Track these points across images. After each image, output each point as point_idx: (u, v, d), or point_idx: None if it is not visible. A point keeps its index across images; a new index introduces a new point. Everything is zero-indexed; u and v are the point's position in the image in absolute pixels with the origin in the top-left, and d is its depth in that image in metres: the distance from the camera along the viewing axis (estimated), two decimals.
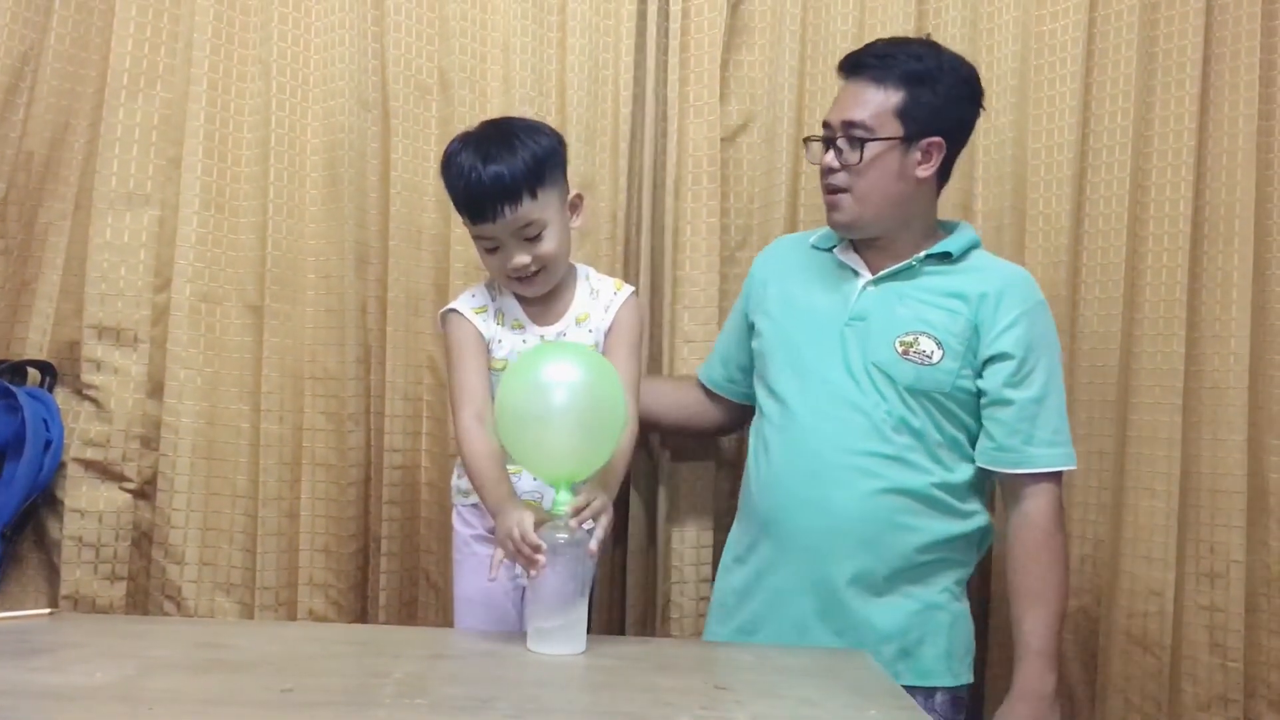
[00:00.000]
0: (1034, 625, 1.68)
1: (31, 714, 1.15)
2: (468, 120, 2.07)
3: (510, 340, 1.73)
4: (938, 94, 1.74)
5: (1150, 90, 2.08)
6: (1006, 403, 1.71)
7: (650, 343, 2.11)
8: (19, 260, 2.03)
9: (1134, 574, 2.05)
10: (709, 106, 2.12)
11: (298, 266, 2.06)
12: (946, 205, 2.11)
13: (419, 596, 2.11)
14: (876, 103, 1.73)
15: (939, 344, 1.71)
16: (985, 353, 1.72)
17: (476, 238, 1.69)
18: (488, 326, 1.73)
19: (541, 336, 1.73)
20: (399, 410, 2.08)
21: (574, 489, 1.53)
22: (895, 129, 1.72)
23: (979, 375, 1.73)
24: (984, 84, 2.14)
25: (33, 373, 2.03)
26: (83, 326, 2.00)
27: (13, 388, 1.95)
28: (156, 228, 2.03)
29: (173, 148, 2.04)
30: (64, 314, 2.03)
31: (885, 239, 1.80)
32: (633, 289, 1.80)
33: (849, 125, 1.73)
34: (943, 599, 1.73)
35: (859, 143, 1.72)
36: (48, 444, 1.95)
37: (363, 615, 2.08)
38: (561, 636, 1.50)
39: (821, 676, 1.47)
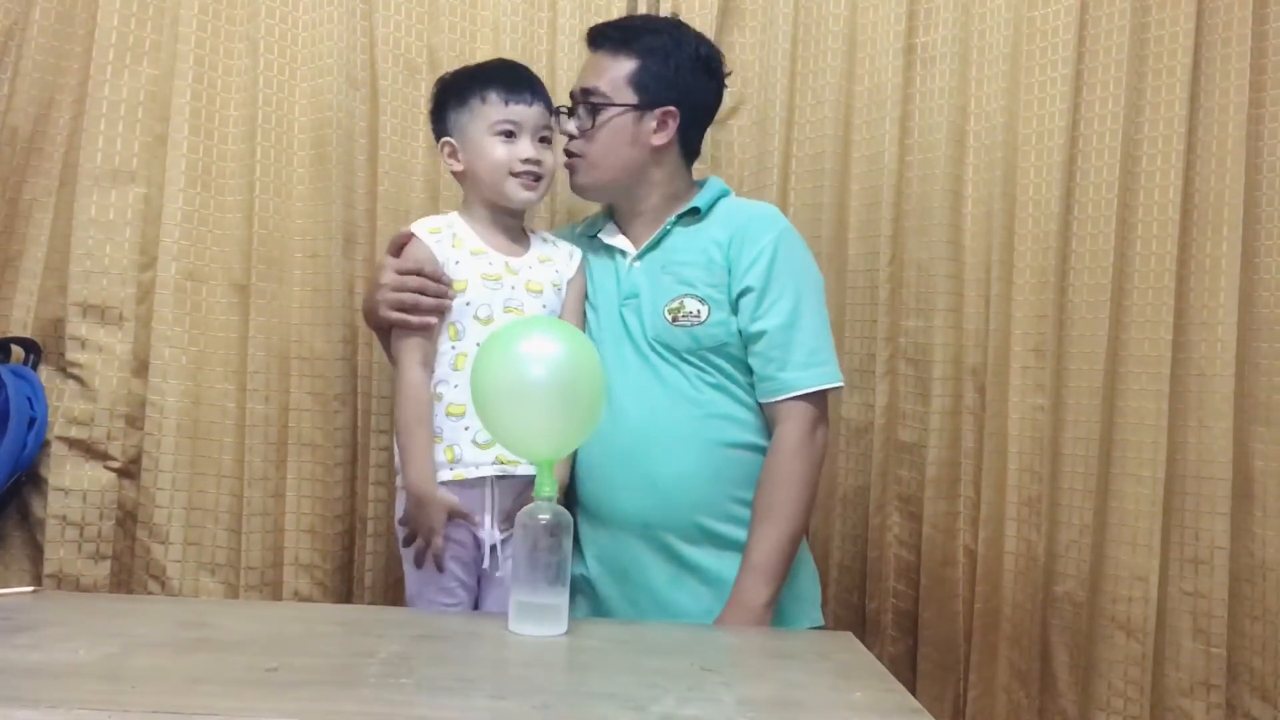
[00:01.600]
0: (758, 541, 1.69)
1: (14, 692, 1.15)
2: None
3: (471, 264, 1.75)
4: (669, 66, 1.80)
5: (1141, 77, 2.08)
6: (758, 336, 1.74)
7: None
8: (2, 237, 2.01)
9: (1118, 559, 2.06)
10: None
11: (284, 246, 2.05)
12: (937, 189, 2.12)
13: (404, 577, 2.09)
14: (611, 71, 1.80)
15: (702, 300, 1.75)
16: (735, 291, 1.76)
17: (499, 121, 1.75)
18: (442, 248, 1.76)
19: (506, 264, 1.78)
20: (386, 391, 2.06)
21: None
22: (628, 96, 1.79)
23: (735, 314, 1.76)
24: (976, 69, 2.15)
25: (16, 350, 2.01)
26: (67, 304, 1.99)
27: None
28: (142, 205, 2.01)
29: (159, 125, 2.02)
30: (48, 291, 2.01)
31: (637, 211, 1.85)
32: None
33: (586, 93, 1.81)
34: None
35: (593, 108, 1.79)
36: (32, 422, 1.94)
37: (348, 596, 2.08)
38: (543, 617, 1.49)
39: (807, 658, 1.48)
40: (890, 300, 2.15)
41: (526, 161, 1.75)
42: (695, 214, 1.83)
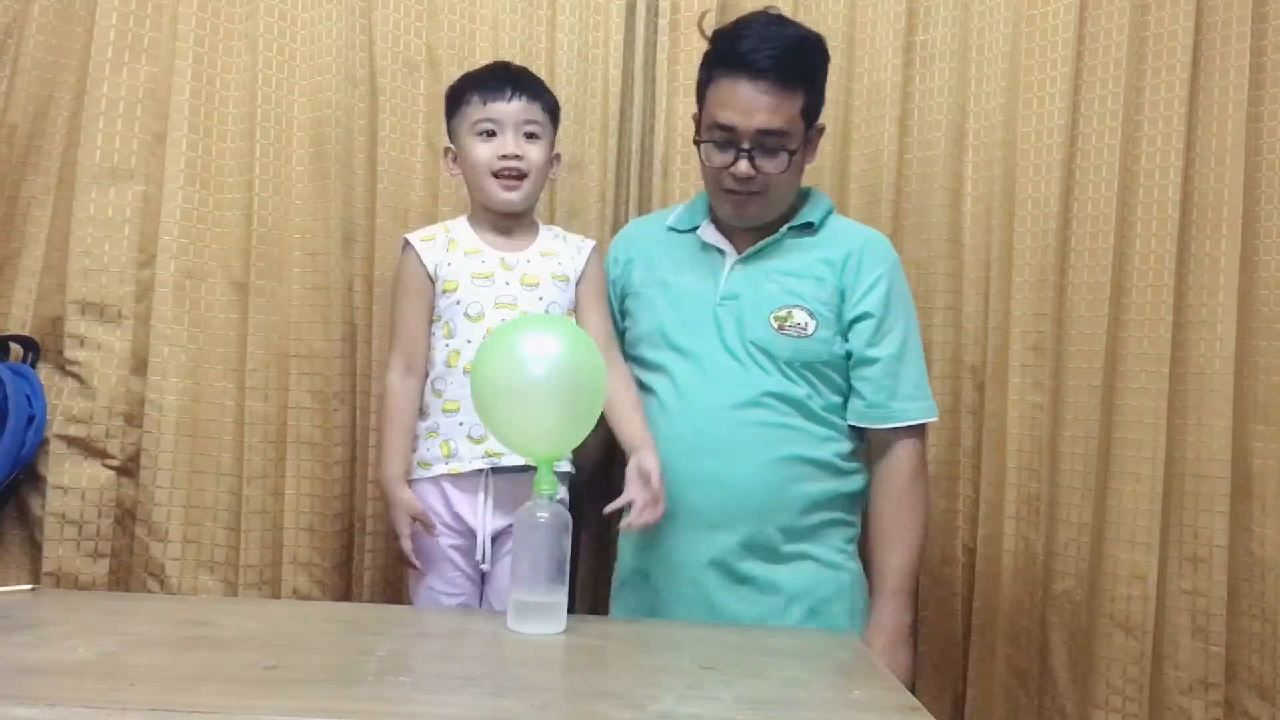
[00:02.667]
0: (895, 566, 1.76)
1: (12, 689, 1.15)
2: None
3: (463, 264, 1.79)
4: (821, 84, 1.79)
5: (1140, 75, 2.07)
6: (871, 361, 1.78)
7: None
8: (1, 235, 2.01)
9: (1117, 558, 2.06)
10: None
11: (283, 243, 2.05)
12: (936, 187, 2.12)
13: (404, 575, 2.09)
14: (787, 108, 1.72)
15: (811, 314, 1.76)
16: (850, 314, 1.78)
17: (478, 121, 1.77)
18: (433, 252, 1.80)
19: (501, 260, 1.80)
20: None
21: (556, 466, 1.53)
22: (801, 129, 1.76)
23: (845, 337, 1.78)
24: (975, 67, 2.15)
25: (15, 348, 2.01)
26: (66, 302, 1.98)
27: None
28: (141, 203, 2.01)
29: (157, 122, 2.02)
30: (47, 289, 2.01)
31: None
32: (595, 241, 1.93)
33: (766, 134, 1.72)
34: (840, 558, 1.79)
35: (782, 151, 1.73)
36: (30, 420, 1.93)
37: (347, 594, 2.07)
38: (542, 615, 1.49)
39: (807, 657, 1.48)
40: None
41: (505, 158, 1.76)
42: (809, 228, 1.83)
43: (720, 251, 1.84)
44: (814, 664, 1.44)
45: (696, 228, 1.87)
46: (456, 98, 1.84)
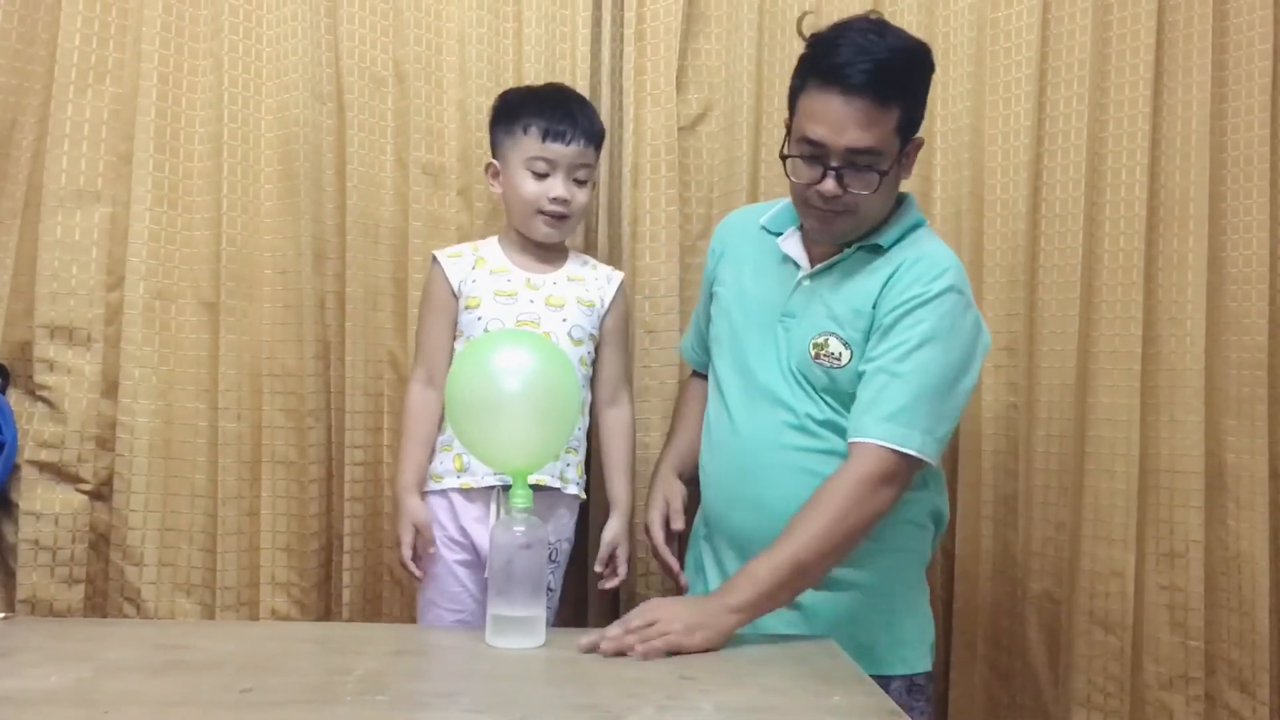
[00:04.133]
0: (761, 553, 1.56)
1: None
2: (424, 112, 2.08)
3: (487, 281, 1.82)
4: (921, 98, 1.67)
5: (1104, 75, 2.09)
6: (861, 373, 1.63)
7: None
8: None
9: (1095, 555, 2.08)
10: (666, 95, 2.11)
11: (254, 262, 2.04)
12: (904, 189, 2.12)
13: (383, 593, 2.09)
14: (880, 125, 1.59)
15: (845, 344, 1.66)
16: (874, 326, 1.65)
17: (534, 158, 1.79)
18: (458, 269, 1.84)
19: (527, 280, 1.83)
20: (360, 406, 2.06)
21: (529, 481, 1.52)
22: (895, 146, 1.62)
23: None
24: (940, 70, 2.14)
25: None
26: (34, 326, 1.96)
27: None
28: (108, 225, 2.00)
29: (123, 143, 2.00)
30: (15, 314, 1.99)
31: None
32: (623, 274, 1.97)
33: (856, 152, 1.59)
34: (887, 586, 1.70)
35: (872, 171, 1.60)
36: (1, 446, 1.92)
37: (327, 613, 2.06)
38: (521, 630, 1.49)
39: (787, 664, 1.47)
40: None
41: (555, 201, 1.79)
42: (878, 250, 1.69)
43: (795, 264, 1.75)
44: (794, 670, 1.44)
45: (780, 235, 1.79)
46: (512, 119, 1.84)
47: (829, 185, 1.60)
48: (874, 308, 1.65)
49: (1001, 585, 2.11)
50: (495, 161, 1.87)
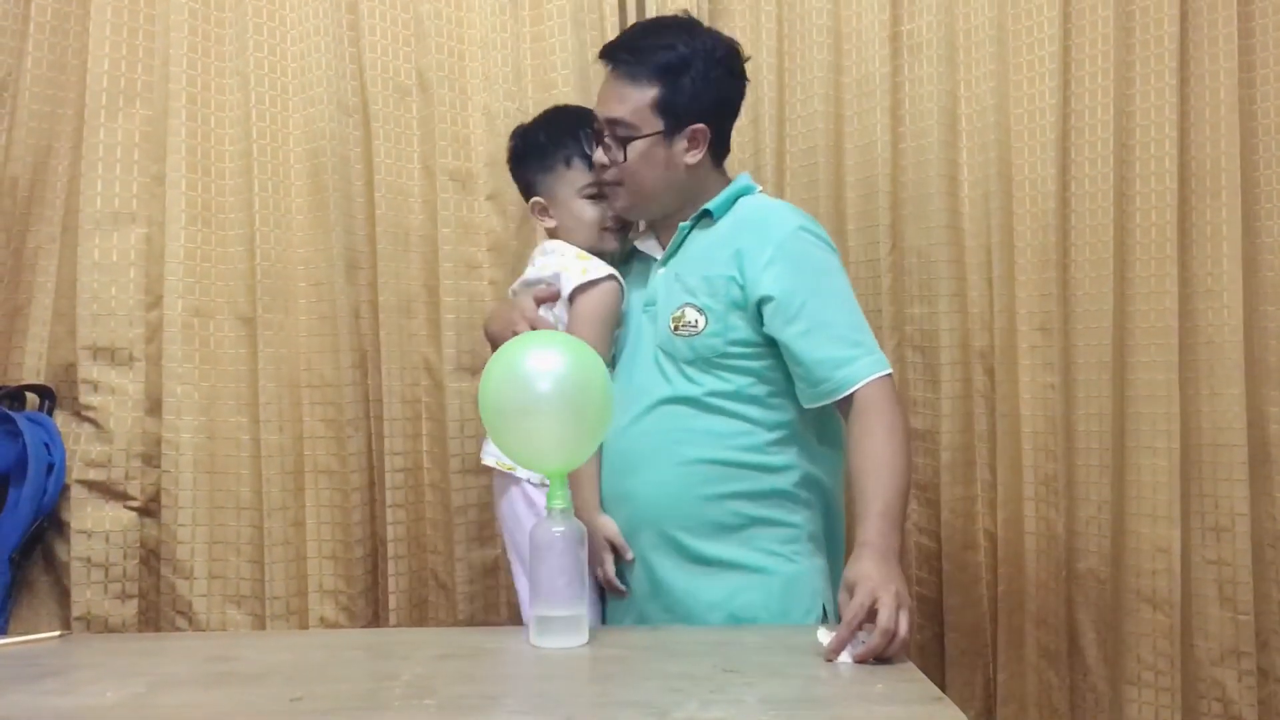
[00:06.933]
0: (876, 491, 1.57)
1: None
2: (449, 120, 2.09)
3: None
4: (694, 82, 1.70)
5: (1129, 49, 2.07)
6: (795, 341, 1.64)
7: None
8: (10, 286, 2.04)
9: (1140, 533, 2.06)
10: None
11: (288, 276, 2.07)
12: (932, 174, 2.12)
13: (429, 597, 2.11)
14: (634, 99, 1.70)
15: (700, 310, 1.69)
16: (753, 298, 1.66)
17: (587, 186, 1.80)
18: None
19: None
20: (397, 413, 2.08)
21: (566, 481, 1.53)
22: (655, 124, 1.70)
23: (760, 320, 1.67)
24: (963, 52, 2.14)
25: (31, 397, 2.04)
26: (77, 348, 2.01)
27: (12, 414, 1.96)
28: (144, 245, 2.04)
29: (155, 164, 2.04)
30: (58, 336, 2.04)
31: (670, 217, 1.79)
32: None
33: (611, 123, 1.72)
34: (768, 562, 1.68)
35: (621, 141, 1.71)
36: (50, 467, 1.96)
37: (374, 619, 2.09)
38: (564, 629, 1.50)
39: None
40: (893, 289, 2.15)
41: (616, 218, 1.81)
42: (708, 216, 1.75)
43: (652, 258, 1.81)
44: (837, 660, 1.44)
45: (638, 238, 1.86)
46: (547, 156, 1.83)
47: (598, 154, 1.75)
48: (737, 269, 1.67)
49: (1046, 566, 2.10)
50: (541, 199, 1.84)
